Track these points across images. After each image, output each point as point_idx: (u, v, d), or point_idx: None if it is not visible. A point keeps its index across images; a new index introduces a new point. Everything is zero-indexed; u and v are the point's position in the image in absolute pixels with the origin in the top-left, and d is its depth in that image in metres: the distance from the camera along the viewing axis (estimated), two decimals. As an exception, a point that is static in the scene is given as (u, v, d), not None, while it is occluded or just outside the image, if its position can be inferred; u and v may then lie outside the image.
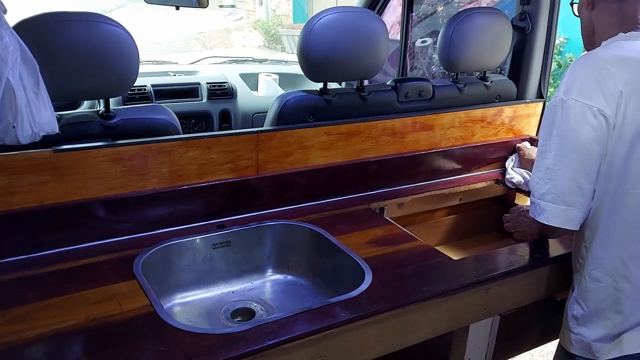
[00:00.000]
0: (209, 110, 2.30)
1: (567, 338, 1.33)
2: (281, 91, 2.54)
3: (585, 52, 1.38)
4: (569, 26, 5.67)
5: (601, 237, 1.24)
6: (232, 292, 1.48)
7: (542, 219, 1.25)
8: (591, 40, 1.34)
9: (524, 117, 2.08)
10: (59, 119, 1.31)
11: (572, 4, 1.45)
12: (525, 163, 1.92)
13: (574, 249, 1.35)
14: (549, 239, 1.46)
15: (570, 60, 6.11)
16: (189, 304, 1.42)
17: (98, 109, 1.46)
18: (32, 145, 1.18)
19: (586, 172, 1.19)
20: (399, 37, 2.66)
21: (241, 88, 2.43)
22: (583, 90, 1.19)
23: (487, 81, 2.01)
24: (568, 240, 1.44)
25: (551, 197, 1.22)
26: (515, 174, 1.91)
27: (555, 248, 1.45)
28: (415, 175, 1.85)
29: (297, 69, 2.30)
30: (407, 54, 2.68)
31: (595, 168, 1.19)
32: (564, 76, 1.25)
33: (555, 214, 1.23)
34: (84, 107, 1.96)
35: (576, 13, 1.40)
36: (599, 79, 1.18)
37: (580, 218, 1.23)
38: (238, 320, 1.39)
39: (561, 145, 1.20)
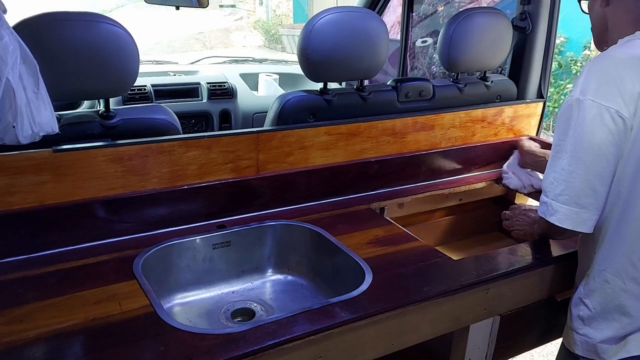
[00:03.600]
0: (209, 110, 2.30)
1: (572, 339, 1.32)
2: (281, 91, 2.54)
3: (594, 50, 1.36)
4: (569, 26, 5.68)
5: (612, 239, 1.22)
6: (232, 292, 1.48)
7: (554, 220, 1.23)
8: (603, 38, 1.31)
9: (525, 117, 2.08)
10: (59, 119, 1.31)
11: (580, 1, 1.43)
12: (526, 157, 1.88)
13: (580, 249, 1.33)
14: (550, 239, 1.46)
15: (571, 60, 6.11)
16: (189, 304, 1.42)
17: (98, 109, 1.46)
18: (32, 145, 1.18)
19: (601, 174, 1.17)
20: (399, 37, 2.66)
21: (241, 88, 2.43)
22: (600, 90, 1.16)
23: (488, 81, 2.00)
24: (568, 241, 1.44)
25: (565, 199, 1.20)
26: (512, 177, 1.87)
27: (555, 248, 1.44)
28: (416, 176, 1.85)
29: (297, 69, 2.30)
30: (408, 54, 2.68)
31: (610, 171, 1.17)
32: (580, 75, 1.22)
33: (569, 216, 1.21)
34: (84, 107, 1.96)
35: (585, 10, 1.37)
36: (617, 79, 1.15)
37: (593, 220, 1.21)
38: (238, 321, 1.39)
39: (577, 147, 1.18)
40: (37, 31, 1.26)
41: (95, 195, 1.36)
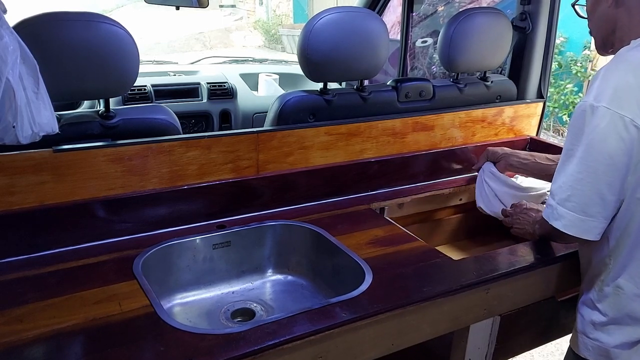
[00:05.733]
0: (209, 110, 2.30)
1: (583, 343, 1.29)
2: (281, 91, 2.54)
3: (595, 50, 1.32)
4: (569, 26, 5.68)
5: (630, 247, 1.19)
6: (232, 293, 1.48)
7: (558, 226, 1.20)
8: (609, 40, 1.27)
9: (525, 117, 2.08)
10: (59, 119, 1.31)
11: (574, 6, 1.40)
12: (508, 159, 1.76)
13: (591, 254, 1.29)
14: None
15: (571, 60, 6.11)
16: (189, 304, 1.42)
17: (98, 109, 1.46)
18: (32, 145, 1.17)
19: (611, 183, 1.14)
20: (399, 37, 2.66)
21: (241, 88, 2.43)
22: (615, 97, 1.11)
23: (488, 81, 2.00)
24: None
25: (571, 205, 1.18)
26: (484, 202, 1.78)
27: (555, 248, 1.44)
28: (416, 176, 1.85)
29: (297, 69, 2.30)
30: (408, 54, 2.68)
31: (620, 179, 1.14)
32: (594, 79, 1.18)
33: (574, 223, 1.18)
34: (84, 107, 1.96)
35: (582, 14, 1.34)
36: (634, 87, 1.11)
37: (600, 229, 1.18)
38: (238, 321, 1.39)
39: (588, 154, 1.14)
40: (37, 31, 1.26)
41: (95, 195, 1.35)
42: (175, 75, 2.46)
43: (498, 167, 1.78)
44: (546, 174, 1.66)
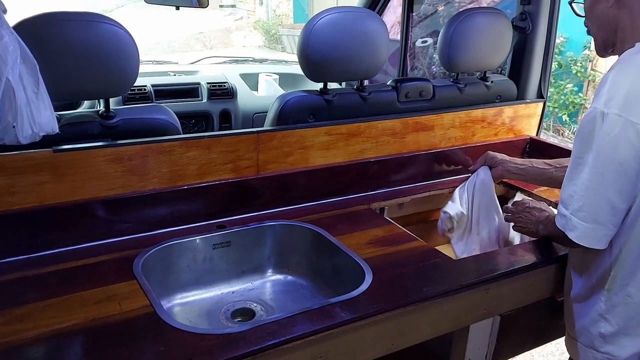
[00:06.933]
0: (209, 110, 2.30)
1: (593, 358, 1.27)
2: (281, 91, 2.54)
3: (595, 50, 1.30)
4: (569, 26, 5.68)
5: (636, 253, 1.18)
6: (232, 293, 1.48)
7: (573, 237, 1.18)
8: (610, 41, 1.25)
9: (525, 117, 2.08)
10: (59, 119, 1.31)
11: (571, 4, 1.38)
12: (506, 165, 1.71)
13: (591, 262, 1.27)
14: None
15: (571, 60, 6.11)
16: (189, 304, 1.42)
17: (98, 109, 1.46)
18: (32, 145, 1.17)
19: (621, 191, 1.13)
20: (399, 37, 2.66)
21: (241, 88, 2.43)
22: (627, 103, 1.09)
23: (488, 81, 2.01)
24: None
25: (584, 215, 1.16)
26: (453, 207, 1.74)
27: (555, 249, 1.44)
28: (416, 176, 1.85)
29: (297, 69, 2.30)
30: (408, 54, 2.68)
31: (631, 187, 1.12)
32: (603, 83, 1.15)
33: (587, 233, 1.16)
34: (84, 107, 1.96)
35: (580, 13, 1.33)
36: None
37: (609, 237, 1.17)
38: (238, 321, 1.39)
39: (599, 162, 1.13)
40: (37, 31, 1.26)
41: (95, 195, 1.36)
42: (175, 75, 2.46)
43: (494, 172, 1.72)
44: (544, 179, 1.64)
